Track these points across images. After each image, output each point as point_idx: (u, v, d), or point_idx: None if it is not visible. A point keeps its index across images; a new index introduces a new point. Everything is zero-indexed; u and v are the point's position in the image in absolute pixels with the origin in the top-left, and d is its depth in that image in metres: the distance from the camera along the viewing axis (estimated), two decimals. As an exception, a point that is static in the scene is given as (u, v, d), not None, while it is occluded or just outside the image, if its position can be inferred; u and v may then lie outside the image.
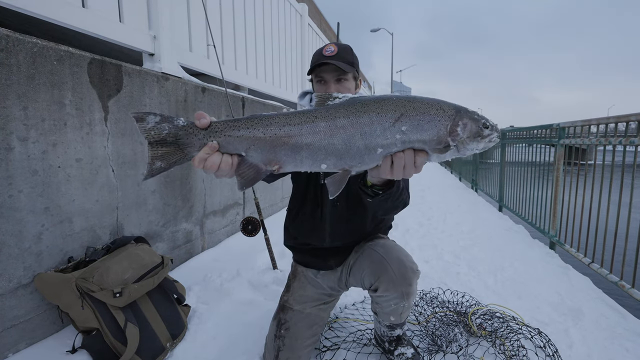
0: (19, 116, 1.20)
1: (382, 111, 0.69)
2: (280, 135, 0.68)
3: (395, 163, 0.71)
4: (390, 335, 1.31)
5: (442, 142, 0.70)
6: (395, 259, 1.16)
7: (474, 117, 0.71)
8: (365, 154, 0.70)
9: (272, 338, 1.22)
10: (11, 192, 1.19)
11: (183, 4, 2.20)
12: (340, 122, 0.69)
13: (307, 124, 0.68)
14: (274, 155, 0.69)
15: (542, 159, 3.44)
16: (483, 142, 0.72)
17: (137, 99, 1.71)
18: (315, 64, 1.12)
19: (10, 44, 1.17)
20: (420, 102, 0.70)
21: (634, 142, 1.92)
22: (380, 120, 0.69)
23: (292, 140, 0.68)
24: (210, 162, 0.67)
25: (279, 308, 1.30)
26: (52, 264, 1.34)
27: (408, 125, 0.69)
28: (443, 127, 0.70)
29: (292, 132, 0.68)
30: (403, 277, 1.13)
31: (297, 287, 1.33)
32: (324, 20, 16.77)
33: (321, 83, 1.15)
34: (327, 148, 0.69)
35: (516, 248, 2.74)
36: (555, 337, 1.45)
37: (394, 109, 0.69)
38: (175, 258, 2.03)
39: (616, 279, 1.96)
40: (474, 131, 0.71)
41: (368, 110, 0.69)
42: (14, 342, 1.23)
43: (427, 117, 0.69)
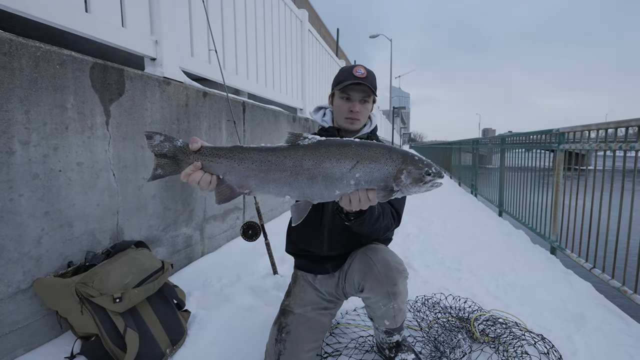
0: (20, 120, 1.20)
1: (341, 158, 0.80)
2: (252, 168, 0.82)
3: (351, 199, 0.84)
4: (389, 341, 1.30)
5: (388, 187, 0.82)
6: (381, 258, 1.19)
7: (418, 165, 0.82)
8: (325, 193, 0.82)
9: (273, 342, 1.21)
10: (12, 195, 1.18)
11: (185, 9, 2.21)
12: (306, 164, 0.80)
13: (276, 163, 0.81)
14: (246, 182, 0.83)
15: (542, 164, 3.45)
16: (425, 187, 0.83)
17: (138, 103, 1.71)
18: (347, 82, 1.20)
19: (13, 48, 1.17)
20: (374, 150, 0.82)
21: (634, 147, 1.93)
22: (340, 167, 0.80)
23: (261, 174, 0.82)
24: (192, 178, 0.83)
25: (280, 312, 1.29)
26: (52, 269, 1.32)
27: (361, 172, 0.81)
28: (390, 174, 0.81)
29: (262, 167, 0.81)
30: (387, 276, 1.16)
31: (297, 291, 1.33)
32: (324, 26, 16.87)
33: (346, 100, 1.24)
34: (291, 184, 0.82)
35: (517, 253, 2.73)
36: (558, 343, 1.44)
37: (352, 156, 0.80)
38: (175, 263, 2.02)
39: (618, 285, 1.95)
40: (416, 178, 0.81)
41: (330, 156, 0.81)
42: (12, 348, 1.21)
43: (378, 166, 0.81)
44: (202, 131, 2.25)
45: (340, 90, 1.24)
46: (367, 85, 1.20)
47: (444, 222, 3.74)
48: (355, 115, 1.25)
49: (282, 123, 3.69)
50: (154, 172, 0.86)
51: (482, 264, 2.44)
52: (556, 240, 2.86)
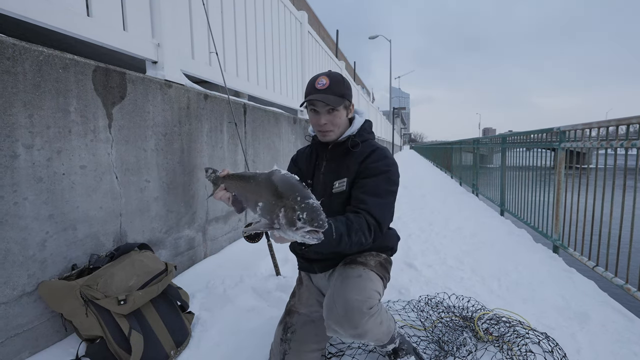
0: (24, 124, 1.21)
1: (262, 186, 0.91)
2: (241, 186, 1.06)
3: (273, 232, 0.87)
4: (384, 351, 1.30)
5: (272, 221, 0.83)
6: (342, 297, 1.05)
7: (293, 208, 0.79)
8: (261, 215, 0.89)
9: (278, 342, 1.22)
10: (16, 199, 1.19)
11: (185, 12, 2.22)
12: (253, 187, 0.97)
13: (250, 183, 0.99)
14: (242, 198, 1.06)
15: (542, 163, 3.45)
16: (299, 233, 0.78)
17: (140, 106, 1.72)
18: (308, 96, 1.21)
19: (16, 53, 1.18)
20: (281, 186, 0.85)
21: (635, 145, 1.93)
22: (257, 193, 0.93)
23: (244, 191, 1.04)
24: (216, 195, 1.14)
25: (285, 313, 1.30)
26: (56, 272, 1.33)
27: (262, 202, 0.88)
28: (273, 209, 0.83)
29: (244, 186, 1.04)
30: (348, 319, 1.02)
31: (303, 292, 1.35)
32: (323, 27, 16.91)
33: (314, 112, 1.23)
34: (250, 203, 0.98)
35: (519, 252, 2.73)
36: (562, 342, 1.44)
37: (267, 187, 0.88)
38: (178, 265, 2.02)
39: (622, 282, 1.95)
40: (289, 221, 0.79)
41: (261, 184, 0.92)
42: (17, 351, 1.22)
43: (266, 201, 0.87)
44: (203, 133, 2.25)
45: (308, 104, 1.22)
46: (330, 96, 1.16)
47: (446, 222, 3.74)
48: (323, 128, 1.22)
49: (283, 124, 3.70)
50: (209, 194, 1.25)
51: (485, 263, 2.44)
52: (558, 238, 2.86)
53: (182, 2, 2.17)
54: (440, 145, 13.98)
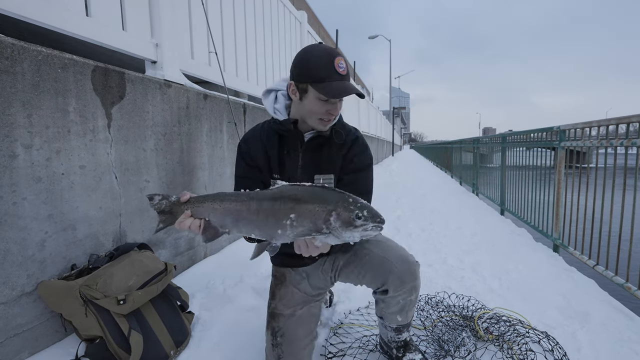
0: (23, 124, 1.21)
1: (283, 202, 0.86)
2: (229, 208, 0.92)
3: (300, 245, 0.88)
4: (398, 339, 1.28)
5: (319, 229, 0.84)
6: (398, 257, 1.18)
7: (348, 209, 0.82)
8: (274, 234, 0.88)
9: (270, 348, 1.19)
10: (15, 199, 1.19)
11: (185, 12, 2.22)
12: (264, 204, 0.88)
13: (245, 203, 0.90)
14: (224, 222, 0.93)
15: (542, 163, 3.45)
16: (358, 231, 0.82)
17: (140, 106, 1.72)
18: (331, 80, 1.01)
19: (15, 52, 1.18)
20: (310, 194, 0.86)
21: (635, 144, 1.92)
22: (281, 210, 0.86)
23: (235, 213, 0.91)
24: (184, 224, 0.94)
25: (269, 317, 1.24)
26: (56, 272, 1.33)
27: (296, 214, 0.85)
28: (319, 217, 0.83)
29: (237, 207, 0.91)
30: (410, 273, 1.16)
31: (283, 293, 1.25)
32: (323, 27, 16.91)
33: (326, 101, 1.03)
34: (254, 223, 0.90)
35: (520, 251, 2.73)
36: (562, 341, 1.44)
37: (291, 202, 0.86)
38: (178, 265, 2.02)
39: (622, 281, 1.95)
40: (345, 222, 0.82)
41: (278, 198, 0.87)
42: (17, 351, 1.22)
43: (308, 209, 0.84)
44: (203, 133, 2.25)
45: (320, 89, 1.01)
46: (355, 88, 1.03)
47: (446, 221, 3.74)
48: (330, 117, 1.08)
49: (283, 124, 3.70)
50: (157, 226, 1.01)
51: (485, 262, 2.44)
52: (559, 237, 2.86)
53: (181, 2, 2.17)
54: (440, 145, 13.97)
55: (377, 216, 0.83)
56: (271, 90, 1.20)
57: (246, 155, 1.17)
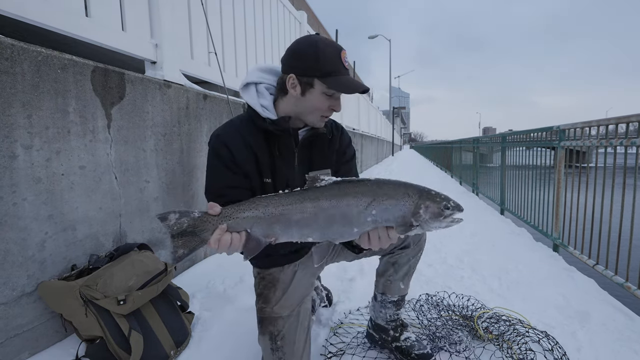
0: (23, 124, 1.21)
1: (357, 196, 0.81)
2: (275, 214, 0.82)
3: (371, 238, 0.83)
4: (396, 317, 1.35)
5: (407, 223, 0.81)
6: None
7: (435, 200, 0.81)
8: (344, 232, 0.83)
9: (269, 353, 1.14)
10: (15, 200, 1.19)
11: (184, 12, 2.22)
12: (323, 204, 0.81)
13: (297, 205, 0.82)
14: (271, 230, 0.83)
15: (542, 162, 3.45)
16: (444, 222, 0.82)
17: (139, 106, 1.72)
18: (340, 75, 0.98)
19: (15, 53, 1.18)
20: (389, 187, 0.83)
21: (635, 143, 1.92)
22: (356, 204, 0.81)
23: (284, 218, 0.82)
24: (224, 241, 0.81)
25: (266, 322, 1.14)
26: (56, 272, 1.33)
27: (377, 210, 0.81)
28: (407, 210, 0.81)
29: (285, 211, 0.82)
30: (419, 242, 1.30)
31: (279, 296, 1.16)
32: (322, 27, 16.90)
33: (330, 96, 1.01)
34: (312, 225, 0.82)
35: (520, 251, 2.73)
36: (562, 340, 1.44)
37: (367, 194, 0.81)
38: (178, 265, 2.02)
39: (622, 281, 1.95)
40: (435, 213, 0.81)
41: (346, 195, 0.82)
42: (17, 351, 1.22)
43: (394, 202, 0.81)
44: (203, 133, 2.25)
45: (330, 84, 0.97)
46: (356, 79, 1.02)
47: (446, 221, 3.74)
48: (330, 113, 1.05)
49: (283, 124, 3.70)
50: (175, 254, 0.83)
51: (485, 262, 2.44)
52: (558, 237, 2.86)
53: (180, 3, 2.17)
54: (440, 145, 13.97)
55: (460, 205, 0.83)
56: (250, 84, 1.09)
57: (230, 161, 1.02)
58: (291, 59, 1.01)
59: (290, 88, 1.02)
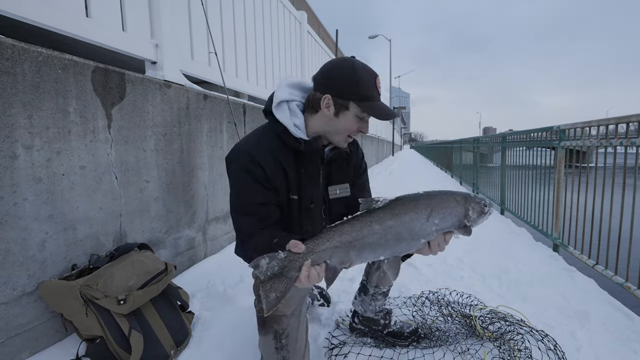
0: (23, 124, 1.21)
1: (417, 210, 0.89)
2: (350, 241, 0.88)
3: (432, 245, 0.93)
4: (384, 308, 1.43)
5: (462, 225, 0.94)
6: None
7: (476, 201, 0.94)
8: (411, 244, 0.91)
9: (273, 352, 1.14)
10: (16, 199, 1.19)
11: (185, 12, 2.23)
12: (390, 223, 0.88)
13: (366, 229, 0.88)
14: (347, 257, 0.89)
15: (542, 162, 3.45)
16: (486, 217, 0.96)
17: (140, 106, 1.73)
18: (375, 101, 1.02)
19: (15, 54, 1.18)
20: (440, 197, 0.93)
21: (635, 143, 1.93)
22: (418, 218, 0.89)
23: (358, 243, 0.88)
24: (313, 276, 0.85)
25: (270, 320, 1.13)
26: (56, 272, 1.33)
27: (438, 219, 0.90)
28: (460, 214, 0.93)
29: (357, 237, 0.88)
30: None
31: None
32: (322, 27, 16.90)
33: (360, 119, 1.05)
34: (384, 245, 0.89)
35: (520, 251, 2.73)
36: (562, 340, 1.44)
37: (425, 207, 0.90)
38: (178, 265, 2.03)
39: (622, 281, 1.95)
40: (480, 211, 0.94)
41: (407, 211, 0.89)
42: (18, 351, 1.22)
43: (449, 210, 0.91)
44: (203, 133, 2.26)
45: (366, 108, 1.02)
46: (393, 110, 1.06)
47: (446, 221, 3.74)
48: (356, 134, 1.09)
49: (283, 124, 3.70)
50: (267, 299, 0.85)
51: (485, 262, 2.44)
52: (558, 237, 2.86)
53: (181, 3, 2.17)
54: (440, 145, 13.97)
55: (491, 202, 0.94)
56: (283, 101, 1.10)
57: (262, 178, 1.03)
58: (328, 79, 1.04)
59: (324, 107, 1.04)
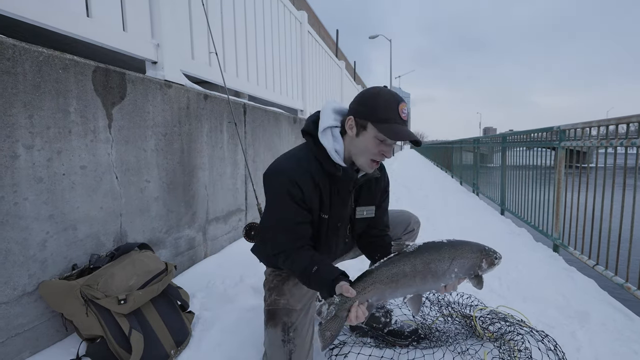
0: (24, 124, 1.21)
1: (441, 258, 1.01)
2: (387, 283, 0.99)
3: (447, 288, 1.04)
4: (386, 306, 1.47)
5: (474, 273, 1.06)
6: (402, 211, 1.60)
7: (489, 254, 1.07)
8: (433, 286, 1.03)
9: (280, 345, 1.17)
10: (16, 199, 1.19)
11: (185, 12, 2.23)
12: (419, 267, 1.00)
13: (401, 272, 1.00)
14: (383, 295, 1.00)
15: (542, 162, 3.45)
16: (494, 268, 1.08)
17: (140, 106, 1.73)
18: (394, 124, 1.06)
19: (16, 53, 1.18)
20: (461, 248, 1.04)
21: (635, 144, 1.93)
22: (442, 265, 1.01)
23: (393, 284, 1.00)
24: (360, 315, 0.93)
25: (280, 313, 1.20)
26: (57, 272, 1.33)
27: (457, 267, 1.02)
28: (475, 264, 1.05)
29: (393, 278, 1.00)
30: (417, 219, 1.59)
31: (293, 289, 1.24)
32: (323, 27, 16.91)
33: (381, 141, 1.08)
34: (412, 286, 1.01)
35: (520, 251, 2.73)
36: (562, 340, 1.44)
37: (448, 255, 1.02)
38: (178, 265, 2.03)
39: (622, 281, 1.95)
40: (490, 263, 1.07)
41: (434, 258, 1.01)
42: (18, 350, 1.22)
43: (466, 260, 1.04)
44: (203, 133, 2.26)
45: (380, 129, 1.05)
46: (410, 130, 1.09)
47: (447, 221, 3.74)
48: (382, 158, 1.12)
49: (283, 124, 3.70)
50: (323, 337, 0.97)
51: (485, 262, 2.44)
52: (558, 237, 2.86)
53: (181, 3, 2.17)
54: (440, 145, 13.96)
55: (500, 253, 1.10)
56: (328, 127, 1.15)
57: (299, 199, 1.10)
58: (355, 102, 1.13)
59: (348, 129, 1.12)
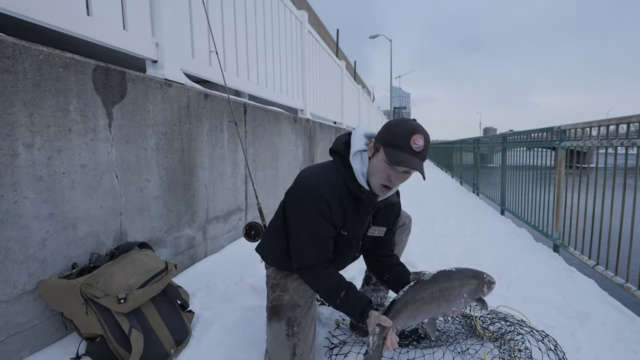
0: (24, 123, 1.21)
1: (453, 286, 1.12)
2: (411, 310, 1.09)
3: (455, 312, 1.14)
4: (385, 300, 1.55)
5: (478, 297, 1.17)
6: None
7: (487, 280, 1.18)
8: (446, 311, 1.13)
9: (284, 339, 1.19)
10: (16, 198, 1.19)
11: (186, 11, 2.22)
12: (435, 294, 1.10)
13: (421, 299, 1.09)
14: (406, 322, 1.10)
15: (543, 163, 3.45)
16: (492, 290, 1.19)
17: (140, 105, 1.72)
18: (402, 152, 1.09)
19: (16, 52, 1.18)
20: (467, 276, 1.15)
21: (635, 144, 1.92)
22: (453, 291, 1.12)
23: (415, 311, 1.09)
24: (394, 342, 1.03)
25: (284, 308, 1.22)
26: (56, 270, 1.33)
27: (466, 293, 1.13)
28: (479, 289, 1.16)
29: (415, 306, 1.09)
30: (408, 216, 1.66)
31: (297, 285, 1.27)
32: (323, 27, 16.90)
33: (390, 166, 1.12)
34: (430, 311, 1.11)
35: (520, 251, 2.73)
36: (562, 340, 1.44)
37: (458, 283, 1.12)
38: (178, 264, 2.02)
39: (622, 281, 1.95)
40: (489, 287, 1.19)
41: (447, 286, 1.11)
42: (18, 349, 1.22)
43: (472, 286, 1.15)
44: (203, 132, 2.26)
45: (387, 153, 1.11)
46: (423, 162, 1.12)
47: (447, 221, 3.74)
48: (392, 185, 1.16)
49: (283, 124, 3.70)
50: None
51: (485, 262, 2.44)
52: (559, 237, 2.86)
53: (182, 2, 2.17)
54: (440, 145, 13.96)
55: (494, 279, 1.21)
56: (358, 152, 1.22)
57: (327, 215, 1.18)
58: (381, 128, 1.21)
59: (369, 150, 1.21)
